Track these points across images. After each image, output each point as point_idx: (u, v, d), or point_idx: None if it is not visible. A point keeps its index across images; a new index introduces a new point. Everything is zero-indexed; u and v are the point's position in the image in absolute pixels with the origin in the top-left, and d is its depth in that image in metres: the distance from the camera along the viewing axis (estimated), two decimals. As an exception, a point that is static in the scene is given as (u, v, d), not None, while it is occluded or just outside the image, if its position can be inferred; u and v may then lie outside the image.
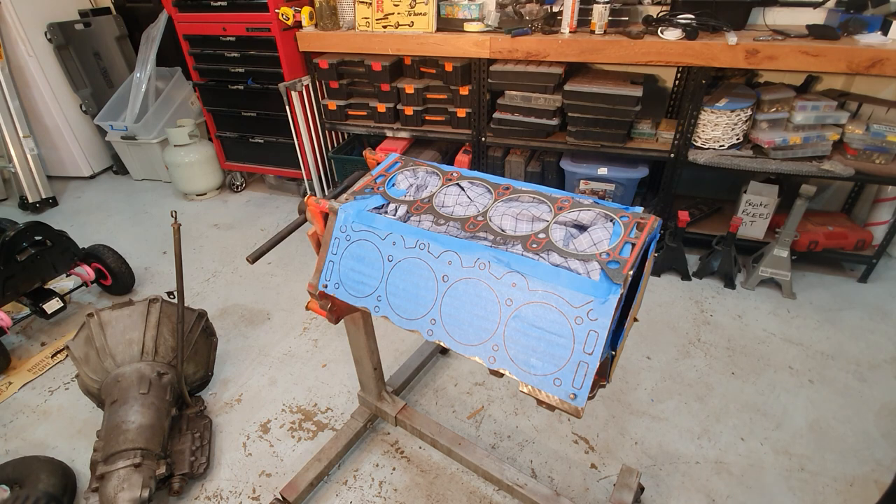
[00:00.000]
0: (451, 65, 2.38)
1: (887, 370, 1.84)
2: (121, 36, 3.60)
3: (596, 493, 1.50)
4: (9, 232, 2.00)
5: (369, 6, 2.43)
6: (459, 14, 2.35)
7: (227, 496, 1.55)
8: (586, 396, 0.75)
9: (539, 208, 0.93)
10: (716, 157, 2.13)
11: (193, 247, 2.79)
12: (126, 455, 1.38)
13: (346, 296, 0.98)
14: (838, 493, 1.48)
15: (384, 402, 1.60)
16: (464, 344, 0.85)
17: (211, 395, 1.89)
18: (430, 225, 0.94)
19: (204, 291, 2.44)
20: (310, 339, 2.13)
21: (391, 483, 1.56)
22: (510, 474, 1.39)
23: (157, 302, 1.68)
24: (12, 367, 2.05)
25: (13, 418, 1.84)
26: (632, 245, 0.82)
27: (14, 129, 3.07)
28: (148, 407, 1.50)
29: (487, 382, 1.88)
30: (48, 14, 3.22)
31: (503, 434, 1.69)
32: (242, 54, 2.75)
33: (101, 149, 3.67)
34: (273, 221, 3.02)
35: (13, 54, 3.13)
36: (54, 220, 2.43)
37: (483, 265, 0.83)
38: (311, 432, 1.73)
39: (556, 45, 2.14)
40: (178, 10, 2.74)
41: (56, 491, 1.47)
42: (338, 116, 2.78)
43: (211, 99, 3.03)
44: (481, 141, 2.54)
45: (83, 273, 2.27)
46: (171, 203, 3.31)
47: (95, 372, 1.58)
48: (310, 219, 1.06)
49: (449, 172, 1.06)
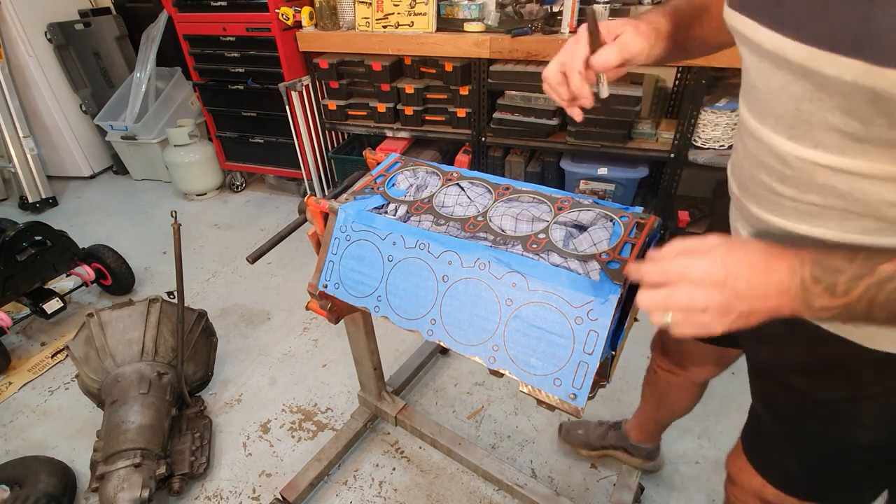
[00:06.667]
0: (451, 65, 2.38)
1: (887, 370, 1.84)
2: (121, 36, 3.59)
3: (596, 493, 1.50)
4: (9, 232, 2.00)
5: (369, 6, 2.43)
6: (459, 14, 2.35)
7: (227, 496, 1.55)
8: (586, 396, 0.74)
9: (539, 208, 0.93)
10: (716, 157, 2.13)
11: (193, 247, 2.79)
12: (126, 455, 1.38)
13: (346, 296, 0.98)
14: (838, 493, 1.47)
15: (384, 402, 1.60)
16: (464, 344, 0.85)
17: (211, 395, 1.89)
18: (430, 225, 0.94)
19: (204, 291, 2.44)
20: (310, 339, 2.13)
21: (391, 483, 1.56)
22: (510, 474, 1.39)
23: (157, 302, 1.68)
24: (12, 367, 2.05)
25: (13, 418, 1.84)
26: (632, 245, 0.82)
27: (14, 129, 3.06)
28: (148, 407, 1.50)
29: (487, 382, 1.88)
30: (48, 14, 3.22)
31: (503, 434, 1.69)
32: (242, 54, 2.75)
33: (101, 149, 3.67)
34: (273, 221, 3.02)
35: (13, 54, 3.13)
36: (54, 220, 2.42)
37: (483, 265, 0.83)
38: (311, 432, 1.73)
39: (556, 45, 2.14)
40: (178, 10, 2.74)
41: (56, 491, 1.47)
42: (338, 116, 2.78)
43: (211, 99, 3.03)
44: (481, 141, 2.54)
45: (83, 273, 2.27)
46: (171, 203, 3.31)
47: (95, 372, 1.58)
48: (310, 219, 1.06)
49: (449, 172, 1.06)
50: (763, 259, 0.51)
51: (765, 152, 0.61)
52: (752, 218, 0.67)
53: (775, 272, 0.50)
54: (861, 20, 0.45)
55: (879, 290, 0.47)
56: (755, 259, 0.51)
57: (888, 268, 0.47)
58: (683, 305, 0.53)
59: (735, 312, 0.52)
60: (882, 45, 0.44)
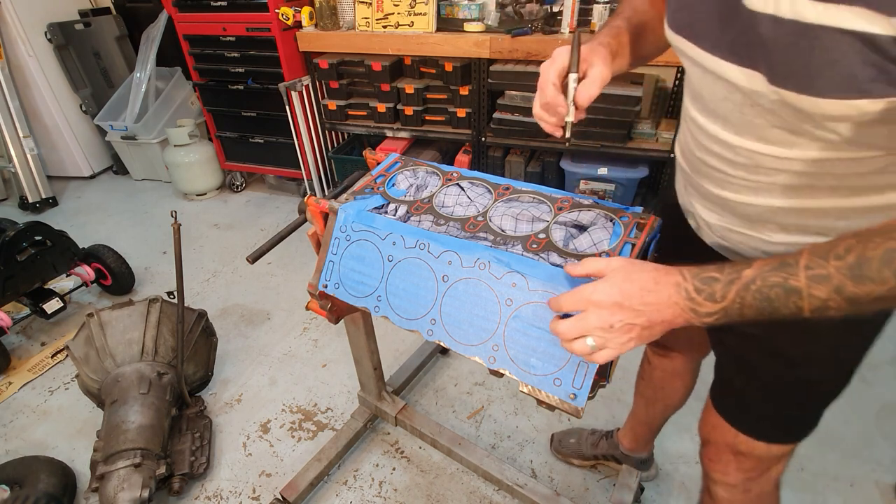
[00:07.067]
0: (451, 65, 2.38)
1: (888, 370, 1.84)
2: (121, 36, 3.59)
3: (596, 493, 1.51)
4: (9, 232, 2.00)
5: (369, 6, 2.43)
6: (459, 14, 2.35)
7: (227, 496, 1.55)
8: (586, 396, 0.74)
9: (539, 208, 0.93)
10: (716, 157, 2.13)
11: (193, 247, 2.79)
12: (126, 455, 1.38)
13: (346, 296, 0.98)
14: (838, 493, 1.48)
15: (384, 402, 1.60)
16: (464, 344, 0.85)
17: (211, 395, 1.89)
18: (430, 225, 0.94)
19: (204, 291, 2.44)
20: (310, 339, 2.13)
21: (391, 483, 1.56)
22: (510, 474, 1.39)
23: (157, 302, 1.68)
24: (12, 367, 2.05)
25: (13, 418, 1.85)
26: (632, 245, 0.82)
27: (14, 129, 3.06)
28: (148, 407, 1.50)
29: (487, 382, 1.88)
30: (48, 14, 3.22)
31: (503, 434, 1.69)
32: (242, 54, 2.75)
33: (101, 149, 3.67)
34: (273, 221, 3.02)
35: (13, 54, 3.13)
36: (54, 220, 2.42)
37: (483, 265, 0.83)
38: (311, 432, 1.73)
39: (556, 45, 2.13)
40: (178, 10, 2.74)
41: (56, 491, 1.47)
42: (338, 116, 2.78)
43: (211, 99, 3.03)
44: (481, 141, 2.54)
45: (83, 273, 2.27)
46: (171, 203, 3.31)
47: (95, 372, 1.58)
48: (310, 219, 1.06)
49: (449, 172, 1.06)
50: (652, 280, 0.60)
51: (713, 143, 0.69)
52: (708, 194, 0.76)
53: (664, 289, 0.59)
54: (760, 43, 0.53)
55: (746, 291, 0.55)
56: (645, 281, 0.60)
57: (750, 272, 0.55)
58: (597, 326, 0.61)
59: (638, 327, 0.61)
60: (772, 67, 0.53)
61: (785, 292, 0.53)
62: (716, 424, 0.91)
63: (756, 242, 0.74)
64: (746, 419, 0.87)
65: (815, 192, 0.64)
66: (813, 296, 0.52)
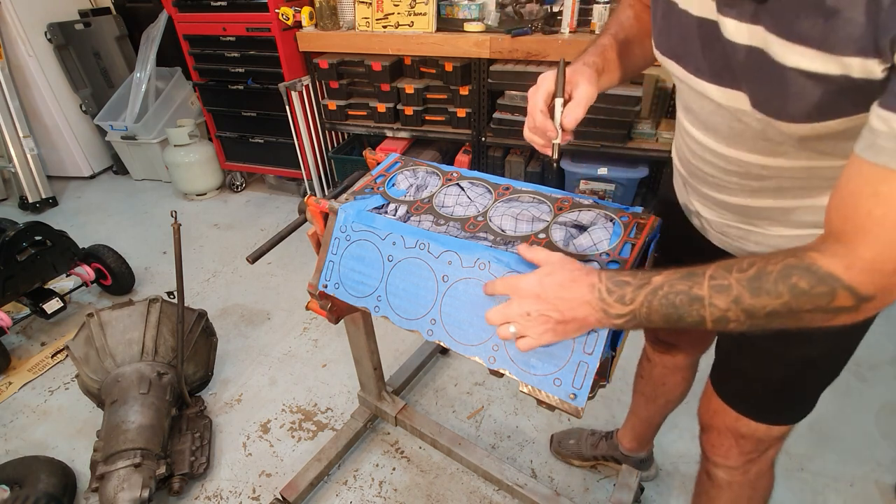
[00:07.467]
0: (451, 65, 2.38)
1: (887, 370, 1.84)
2: (121, 36, 3.59)
3: (596, 493, 1.51)
4: (9, 232, 2.00)
5: (369, 6, 2.43)
6: (459, 14, 2.35)
7: (227, 496, 1.55)
8: (586, 396, 0.74)
9: (539, 208, 0.93)
10: (716, 157, 2.13)
11: (193, 247, 2.79)
12: (126, 455, 1.38)
13: (346, 296, 0.98)
14: (838, 493, 1.48)
15: (384, 402, 1.60)
16: (464, 344, 0.85)
17: (211, 395, 1.89)
18: (430, 225, 0.94)
19: (204, 291, 2.44)
20: (310, 339, 2.13)
21: (391, 483, 1.56)
22: (510, 474, 1.39)
23: (157, 302, 1.68)
24: (12, 367, 2.05)
25: (13, 418, 1.85)
26: (632, 245, 0.82)
27: (14, 129, 3.06)
28: (148, 407, 1.50)
29: (487, 382, 1.88)
30: (48, 14, 3.22)
31: (503, 434, 1.69)
32: (242, 54, 2.75)
33: (101, 149, 3.67)
34: (273, 221, 3.02)
35: (13, 54, 3.13)
36: (54, 220, 2.42)
37: (483, 265, 0.83)
38: (311, 432, 1.73)
39: (556, 45, 2.14)
40: (178, 10, 2.74)
41: (56, 491, 1.47)
42: (338, 116, 2.78)
43: (211, 99, 3.03)
44: (481, 141, 2.54)
45: (83, 273, 2.27)
46: (171, 203, 3.31)
47: (95, 372, 1.58)
48: (310, 219, 1.06)
49: (449, 172, 1.06)
50: (570, 278, 0.63)
51: (707, 152, 0.72)
52: (705, 196, 0.80)
53: (578, 287, 0.62)
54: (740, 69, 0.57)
55: (654, 296, 0.58)
56: (564, 278, 0.64)
57: (659, 279, 0.58)
58: (517, 313, 0.66)
59: (553, 320, 0.64)
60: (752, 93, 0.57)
61: (689, 300, 0.56)
62: (717, 409, 0.92)
63: (756, 237, 0.76)
64: (748, 402, 0.88)
65: (807, 191, 0.67)
66: (714, 304, 0.54)
